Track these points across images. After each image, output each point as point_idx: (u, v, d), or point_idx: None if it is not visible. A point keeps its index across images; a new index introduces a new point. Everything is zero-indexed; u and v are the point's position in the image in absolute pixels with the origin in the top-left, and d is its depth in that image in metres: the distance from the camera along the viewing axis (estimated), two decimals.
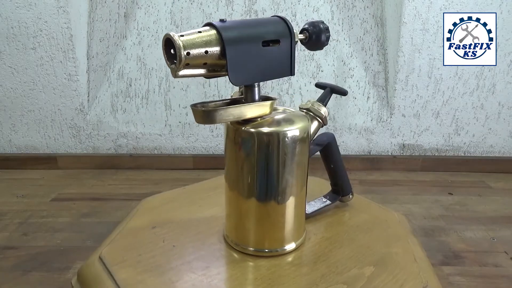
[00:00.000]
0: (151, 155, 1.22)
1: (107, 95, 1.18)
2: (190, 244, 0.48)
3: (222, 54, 0.36)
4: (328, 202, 0.57)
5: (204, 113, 0.39)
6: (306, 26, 0.43)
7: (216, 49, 0.36)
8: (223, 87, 1.16)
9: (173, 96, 1.18)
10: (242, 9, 1.12)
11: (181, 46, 0.34)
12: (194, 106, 0.40)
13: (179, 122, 1.20)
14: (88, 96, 1.18)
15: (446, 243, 0.78)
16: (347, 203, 0.60)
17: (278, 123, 0.42)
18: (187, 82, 1.17)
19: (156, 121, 1.20)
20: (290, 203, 0.44)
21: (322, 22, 0.43)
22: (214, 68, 0.38)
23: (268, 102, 0.42)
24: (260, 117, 0.42)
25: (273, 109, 0.45)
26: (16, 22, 1.07)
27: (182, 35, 0.35)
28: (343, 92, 0.51)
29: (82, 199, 0.98)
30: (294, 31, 0.41)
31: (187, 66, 0.36)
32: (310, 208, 0.55)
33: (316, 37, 0.43)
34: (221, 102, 0.44)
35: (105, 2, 1.13)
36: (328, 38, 0.43)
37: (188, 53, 0.35)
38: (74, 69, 1.12)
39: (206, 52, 0.36)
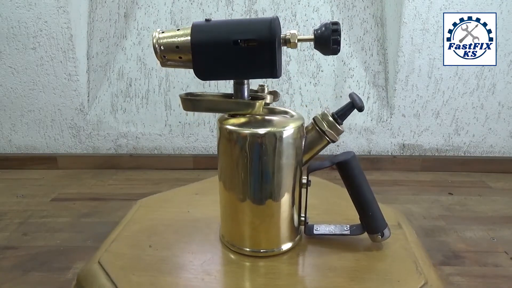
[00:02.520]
0: (151, 155, 1.22)
1: (107, 95, 1.18)
2: (186, 246, 0.48)
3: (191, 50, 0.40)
4: (347, 232, 0.48)
5: (185, 100, 0.44)
6: (317, 27, 0.40)
7: (187, 46, 0.40)
8: (223, 87, 1.16)
9: (173, 96, 1.18)
10: (242, 9, 1.12)
11: (156, 39, 0.41)
12: (181, 95, 0.44)
13: (179, 122, 1.20)
14: (88, 96, 1.18)
15: (446, 243, 0.78)
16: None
17: (268, 123, 0.42)
18: (187, 82, 1.17)
19: (156, 121, 1.20)
20: (285, 203, 0.44)
21: (335, 24, 0.39)
22: (189, 62, 0.41)
23: (255, 102, 0.42)
24: (247, 114, 0.43)
25: (274, 109, 0.45)
26: (16, 22, 1.07)
27: (163, 32, 0.41)
28: (360, 108, 0.43)
29: (82, 199, 0.98)
30: (292, 32, 0.40)
31: (165, 58, 0.42)
32: (321, 229, 0.49)
33: (323, 39, 0.39)
34: (211, 95, 0.46)
35: (105, 2, 1.13)
36: (336, 41, 0.39)
37: (161, 47, 0.41)
38: (74, 69, 1.12)
39: (177, 47, 0.40)
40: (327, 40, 0.39)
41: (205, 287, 0.41)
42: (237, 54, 0.39)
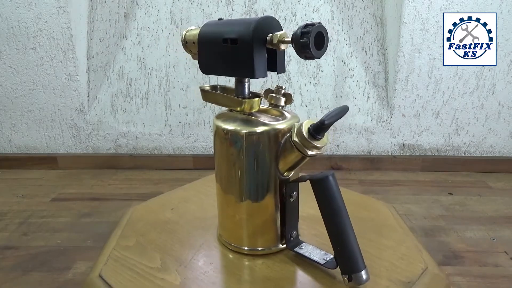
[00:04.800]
0: (151, 155, 1.22)
1: (107, 95, 1.18)
2: (184, 245, 0.48)
3: None
4: (322, 262, 0.42)
5: (201, 91, 0.47)
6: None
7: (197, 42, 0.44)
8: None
9: (173, 96, 1.18)
10: (242, 9, 1.12)
11: (183, 36, 0.45)
12: (201, 86, 0.47)
13: (179, 122, 1.20)
14: (88, 96, 1.18)
15: (446, 243, 0.78)
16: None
17: (251, 123, 0.42)
18: (187, 82, 1.17)
19: (156, 121, 1.20)
20: (271, 203, 0.44)
21: (307, 25, 0.35)
22: None
23: (244, 100, 0.42)
24: (240, 111, 0.43)
25: (271, 109, 0.45)
26: (16, 22, 1.07)
27: (192, 29, 0.45)
28: (321, 122, 0.37)
29: (82, 199, 0.98)
30: (276, 33, 0.38)
31: (191, 52, 0.46)
32: (304, 249, 0.44)
33: (295, 43, 0.36)
34: (221, 88, 0.48)
35: (105, 2, 1.13)
36: (304, 45, 0.35)
37: (186, 42, 0.45)
38: (74, 69, 1.12)
39: (194, 42, 0.44)
40: (296, 44, 0.36)
41: (205, 286, 0.41)
42: (225, 52, 0.41)
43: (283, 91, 0.45)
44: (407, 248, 0.47)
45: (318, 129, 0.37)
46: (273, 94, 0.45)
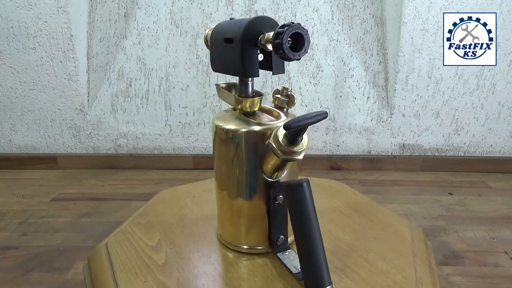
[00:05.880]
0: (151, 155, 1.22)
1: (107, 95, 1.18)
2: (184, 245, 0.48)
3: None
4: (294, 272, 0.40)
5: (216, 87, 0.47)
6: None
7: None
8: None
9: (173, 96, 1.18)
10: (242, 9, 1.12)
11: (205, 34, 0.47)
12: (217, 83, 0.48)
13: (179, 122, 1.20)
14: (88, 96, 1.18)
15: (446, 243, 0.78)
16: None
17: (258, 123, 0.42)
18: (187, 82, 1.17)
19: (156, 121, 1.20)
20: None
21: (284, 26, 0.34)
22: None
23: (243, 99, 0.42)
24: (243, 110, 0.43)
25: (271, 109, 0.45)
26: (16, 22, 1.07)
27: (212, 28, 0.46)
28: (285, 126, 0.35)
29: (82, 199, 0.98)
30: (265, 34, 0.37)
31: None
32: (285, 257, 0.42)
33: (272, 44, 0.35)
34: (230, 86, 0.48)
35: (105, 2, 1.13)
36: (277, 46, 0.34)
37: (207, 40, 0.46)
38: (74, 69, 1.12)
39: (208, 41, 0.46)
40: (272, 44, 0.35)
41: (204, 285, 0.41)
42: (225, 51, 0.42)
43: (287, 92, 0.45)
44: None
45: (293, 134, 0.36)
46: (277, 95, 0.45)
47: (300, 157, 0.38)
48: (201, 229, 0.51)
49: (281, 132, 0.37)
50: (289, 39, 0.35)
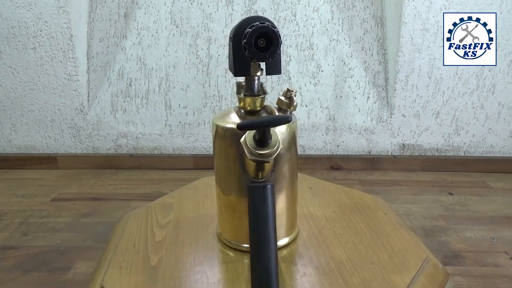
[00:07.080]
0: (151, 155, 1.22)
1: (107, 95, 1.18)
2: (183, 244, 0.48)
3: None
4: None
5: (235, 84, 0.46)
6: None
7: None
8: (223, 87, 1.16)
9: (173, 96, 1.18)
10: (242, 9, 1.12)
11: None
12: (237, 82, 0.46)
13: (179, 122, 1.20)
14: (88, 96, 1.18)
15: (446, 243, 0.78)
16: None
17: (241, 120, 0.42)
18: (187, 82, 1.17)
19: (156, 121, 1.20)
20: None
21: (253, 26, 0.33)
22: None
23: (246, 97, 0.42)
24: (244, 109, 0.44)
25: (271, 109, 0.45)
26: (16, 22, 1.07)
27: None
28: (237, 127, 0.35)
29: (82, 199, 0.98)
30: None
31: None
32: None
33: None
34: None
35: (105, 2, 1.13)
36: (246, 46, 0.33)
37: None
38: (74, 69, 1.12)
39: None
40: (242, 46, 0.35)
41: (204, 284, 0.41)
42: (230, 51, 0.42)
43: (290, 94, 0.44)
44: None
45: (259, 136, 0.36)
46: (281, 96, 0.45)
47: (269, 160, 0.37)
48: (201, 228, 0.51)
49: (250, 133, 0.37)
50: (261, 40, 0.34)
